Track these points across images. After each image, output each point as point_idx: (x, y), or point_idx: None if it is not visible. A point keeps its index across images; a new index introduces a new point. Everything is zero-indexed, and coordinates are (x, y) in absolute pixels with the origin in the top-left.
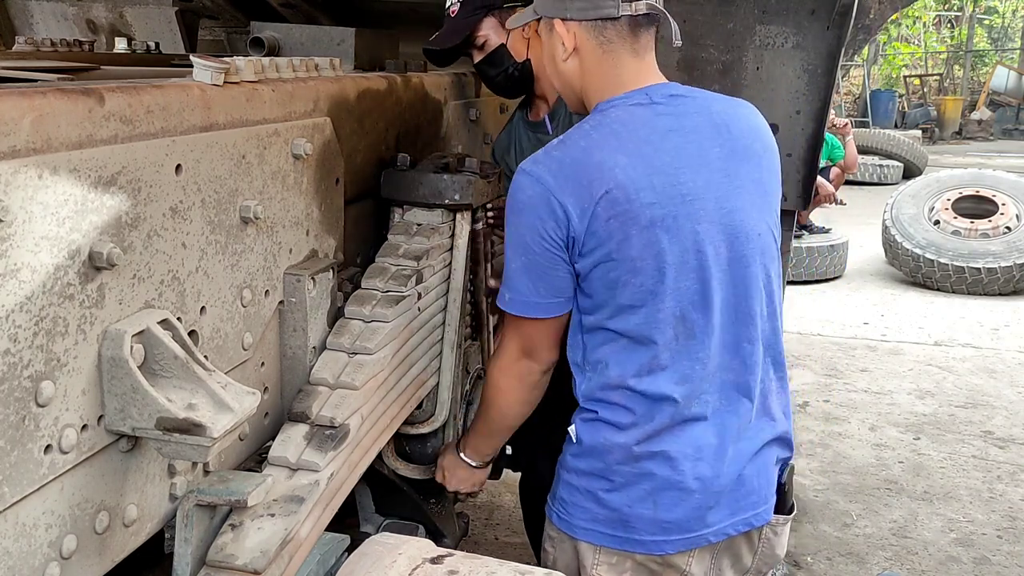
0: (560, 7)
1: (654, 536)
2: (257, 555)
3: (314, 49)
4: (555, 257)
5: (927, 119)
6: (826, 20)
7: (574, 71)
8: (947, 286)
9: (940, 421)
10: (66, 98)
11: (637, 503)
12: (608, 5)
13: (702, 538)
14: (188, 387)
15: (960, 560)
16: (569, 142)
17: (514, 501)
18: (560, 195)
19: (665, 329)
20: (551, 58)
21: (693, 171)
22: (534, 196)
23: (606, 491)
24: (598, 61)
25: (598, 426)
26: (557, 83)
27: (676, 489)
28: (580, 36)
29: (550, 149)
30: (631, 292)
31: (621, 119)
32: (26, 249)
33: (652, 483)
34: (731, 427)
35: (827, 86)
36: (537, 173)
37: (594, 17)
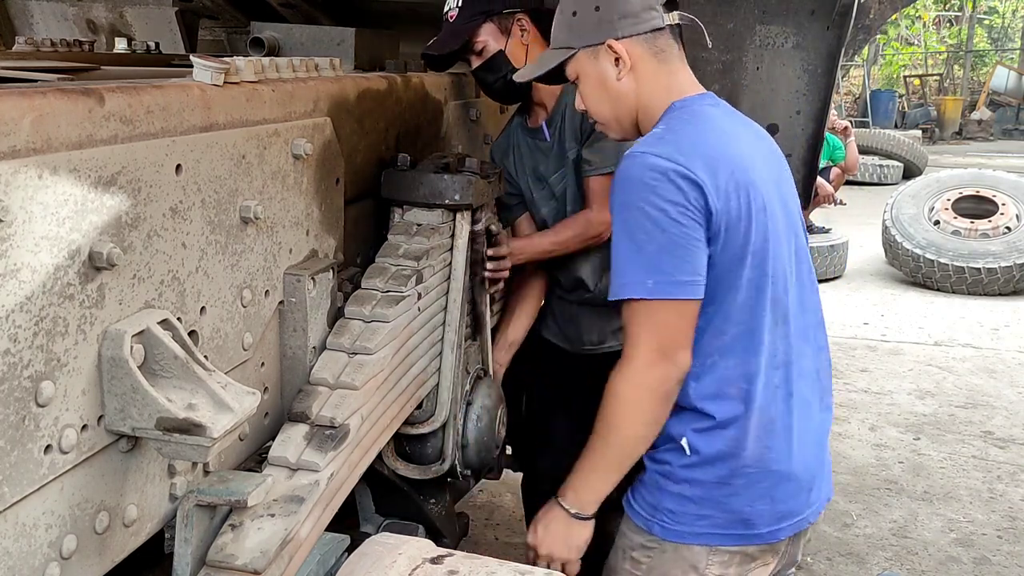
0: (609, 29)
1: (770, 527)
2: (257, 555)
3: (314, 49)
4: (698, 227)
5: (927, 119)
6: (826, 20)
7: (630, 88)
8: (947, 286)
9: (940, 421)
10: (66, 98)
11: (758, 501)
12: (655, 16)
13: (805, 520)
14: (188, 387)
15: (960, 560)
16: (675, 131)
17: (514, 501)
18: (694, 168)
19: (766, 316)
20: (600, 83)
21: (765, 172)
22: (668, 171)
23: (727, 496)
24: (655, 71)
25: (714, 434)
26: (608, 108)
27: (789, 480)
28: (634, 51)
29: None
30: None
31: (707, 115)
32: (26, 249)
33: (771, 479)
34: (815, 410)
35: (827, 86)
36: (663, 152)
37: (646, 30)
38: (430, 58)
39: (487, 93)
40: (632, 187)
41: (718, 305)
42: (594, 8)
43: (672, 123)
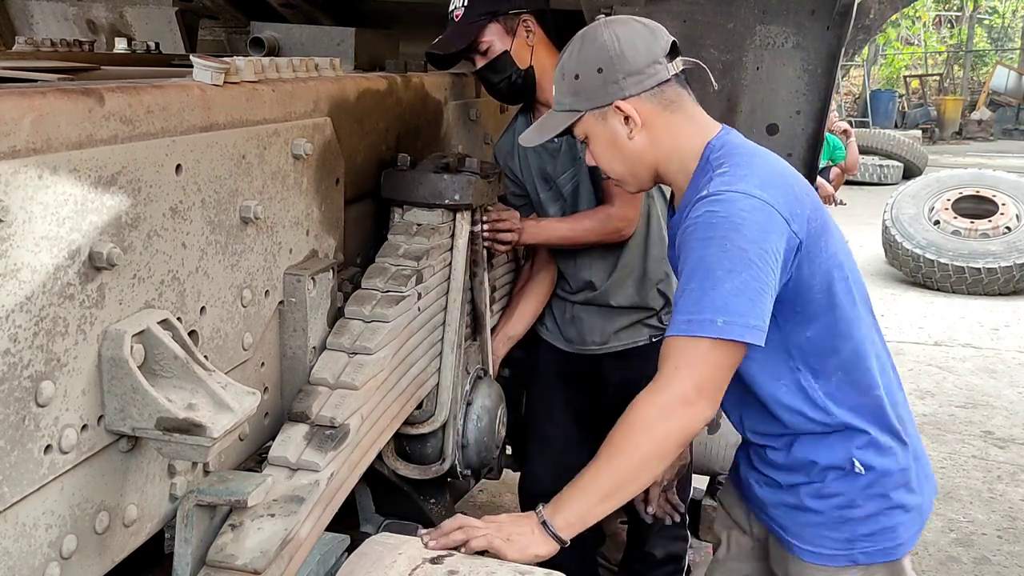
0: (615, 90)
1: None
2: (257, 555)
3: (314, 49)
4: (773, 272)
5: (927, 119)
6: (826, 20)
7: (644, 145)
8: (947, 286)
9: (940, 421)
10: (66, 98)
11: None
12: (659, 70)
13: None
14: (188, 387)
15: (960, 560)
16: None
17: (514, 501)
18: (778, 206)
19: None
20: (611, 143)
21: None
22: (755, 210)
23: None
24: (669, 123)
25: (875, 442)
26: (621, 166)
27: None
28: (643, 108)
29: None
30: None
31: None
32: (26, 249)
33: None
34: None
35: (827, 86)
36: (747, 190)
37: (652, 85)
38: (434, 57)
39: (491, 93)
40: (719, 223)
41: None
42: (596, 70)
43: (734, 158)
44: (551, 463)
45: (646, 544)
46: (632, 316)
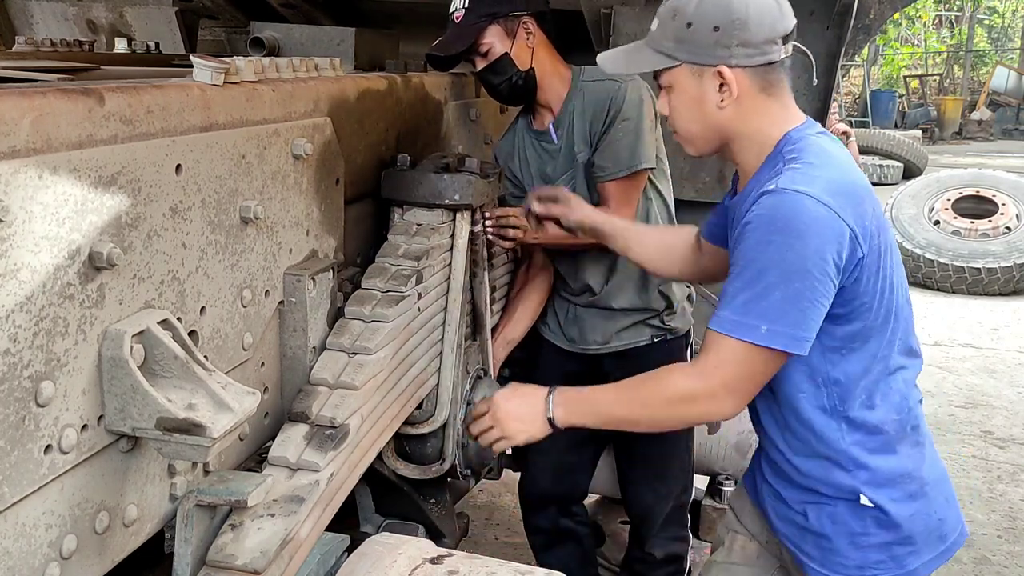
0: (724, 54)
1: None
2: (257, 555)
3: (314, 49)
4: (830, 285)
5: (927, 119)
6: (826, 20)
7: (730, 117)
8: (947, 286)
9: (940, 421)
10: (66, 98)
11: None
12: (773, 50)
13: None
14: (188, 387)
15: (960, 560)
16: (822, 164)
17: (514, 501)
18: (845, 215)
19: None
20: (696, 103)
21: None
22: (819, 218)
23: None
24: (762, 105)
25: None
26: (697, 128)
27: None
28: (743, 82)
29: (808, 171)
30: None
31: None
32: (26, 249)
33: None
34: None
35: (827, 86)
36: (816, 194)
37: (760, 63)
38: (435, 58)
39: (491, 94)
40: (778, 227)
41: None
42: (713, 27)
43: (808, 154)
44: (551, 463)
45: (646, 544)
46: (634, 317)
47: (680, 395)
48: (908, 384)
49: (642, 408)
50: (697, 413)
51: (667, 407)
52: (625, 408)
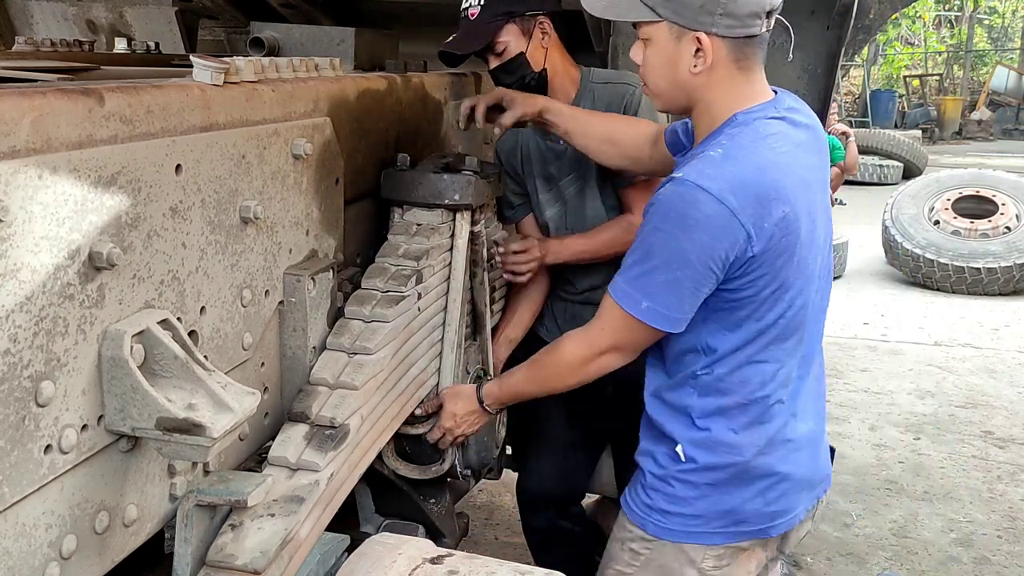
0: (706, 21)
1: (762, 524)
2: (257, 555)
3: (314, 49)
4: (713, 277)
5: (927, 119)
6: (826, 20)
7: (700, 83)
8: (947, 286)
9: (940, 421)
10: (66, 98)
11: (750, 502)
12: (755, 24)
13: (796, 517)
14: (188, 387)
15: (960, 560)
16: (738, 158)
17: (514, 501)
18: (743, 217)
19: (789, 340)
20: (670, 63)
21: (815, 186)
22: (713, 215)
23: (721, 496)
24: (731, 77)
25: (711, 445)
26: (666, 85)
27: (783, 482)
28: (719, 52)
29: (718, 164)
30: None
31: (771, 133)
32: (26, 249)
33: (764, 482)
34: (811, 416)
35: (827, 86)
36: (716, 190)
37: (740, 35)
38: (447, 55)
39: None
40: (671, 215)
41: (735, 329)
42: None
43: (732, 148)
44: (550, 463)
45: None
46: None
47: (578, 360)
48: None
49: (550, 380)
50: (596, 370)
51: (570, 373)
52: (537, 384)
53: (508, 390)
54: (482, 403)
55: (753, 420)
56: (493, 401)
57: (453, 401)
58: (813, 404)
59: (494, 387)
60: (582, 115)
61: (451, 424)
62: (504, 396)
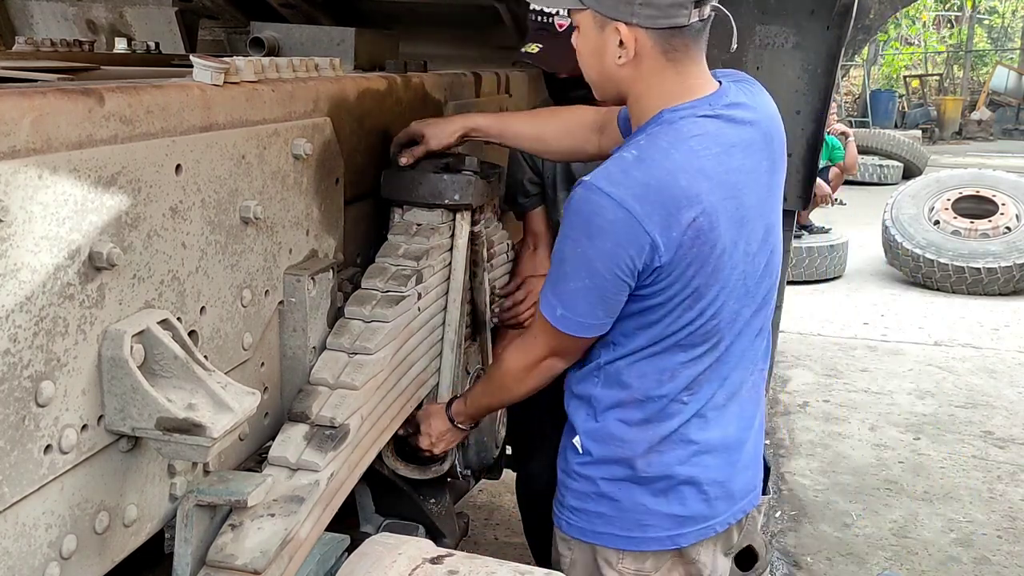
0: (626, 10)
1: (669, 531)
2: (257, 555)
3: (314, 49)
4: (624, 284)
5: (927, 119)
6: (826, 20)
7: (627, 75)
8: (947, 286)
9: (940, 421)
10: (66, 98)
11: (650, 503)
12: (680, 14)
13: (710, 528)
14: (188, 387)
15: (960, 560)
16: (650, 162)
17: (514, 501)
18: (647, 223)
19: (699, 345)
20: (596, 53)
21: (750, 190)
22: (616, 221)
23: (620, 495)
24: (660, 69)
25: (607, 438)
26: (596, 76)
27: (689, 485)
28: (643, 43)
29: (628, 168)
30: (684, 315)
31: (695, 134)
32: (26, 249)
33: (662, 484)
34: (730, 424)
35: (827, 86)
36: (620, 196)
37: (664, 26)
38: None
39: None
40: (578, 222)
41: (644, 330)
42: None
43: (648, 149)
44: (548, 462)
45: None
46: None
47: (521, 369)
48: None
49: (502, 391)
50: (540, 376)
51: (516, 384)
52: (494, 396)
53: (472, 405)
54: (453, 421)
55: (647, 417)
56: (463, 418)
57: (427, 422)
58: (737, 413)
59: (460, 404)
60: (508, 119)
61: (427, 444)
62: (471, 411)
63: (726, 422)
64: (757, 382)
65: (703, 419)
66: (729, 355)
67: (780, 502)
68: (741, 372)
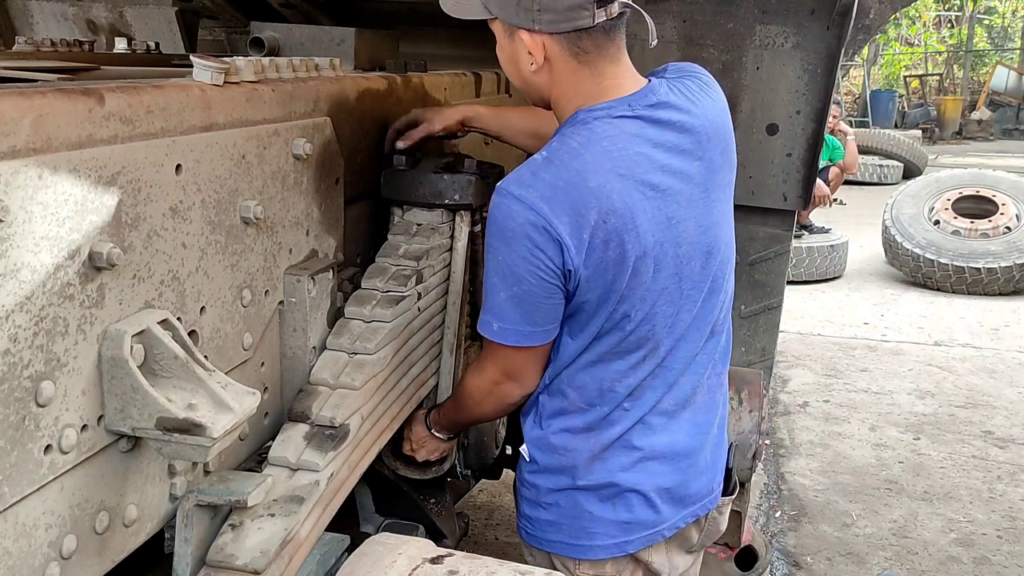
0: (526, 18)
1: (615, 539)
2: (257, 555)
3: (314, 49)
4: (551, 287)
5: (927, 119)
6: (826, 20)
7: (544, 81)
8: (947, 286)
9: (940, 421)
10: (66, 98)
11: (598, 509)
12: (583, 16)
13: (658, 534)
14: (188, 387)
15: (960, 560)
16: (559, 163)
17: (514, 501)
18: (556, 224)
19: (635, 353)
20: (512, 60)
21: (677, 192)
22: (526, 224)
23: (567, 504)
24: (573, 71)
25: (551, 447)
26: (518, 82)
27: (634, 493)
28: (551, 48)
29: (537, 169)
30: (610, 319)
31: (609, 134)
32: (26, 249)
33: (610, 491)
34: (680, 430)
35: (827, 86)
36: (528, 199)
37: (567, 29)
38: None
39: None
40: (497, 229)
41: (574, 337)
42: None
43: (559, 150)
44: None
45: None
46: None
47: (479, 393)
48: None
49: (466, 411)
50: (497, 402)
51: (477, 406)
52: (460, 414)
53: (444, 418)
54: (430, 429)
55: (589, 425)
56: (439, 428)
57: (409, 427)
58: (689, 419)
59: (436, 414)
60: (507, 113)
61: (408, 449)
62: (444, 423)
63: (675, 428)
64: (714, 386)
65: (647, 426)
66: (673, 360)
67: (780, 502)
68: (692, 377)
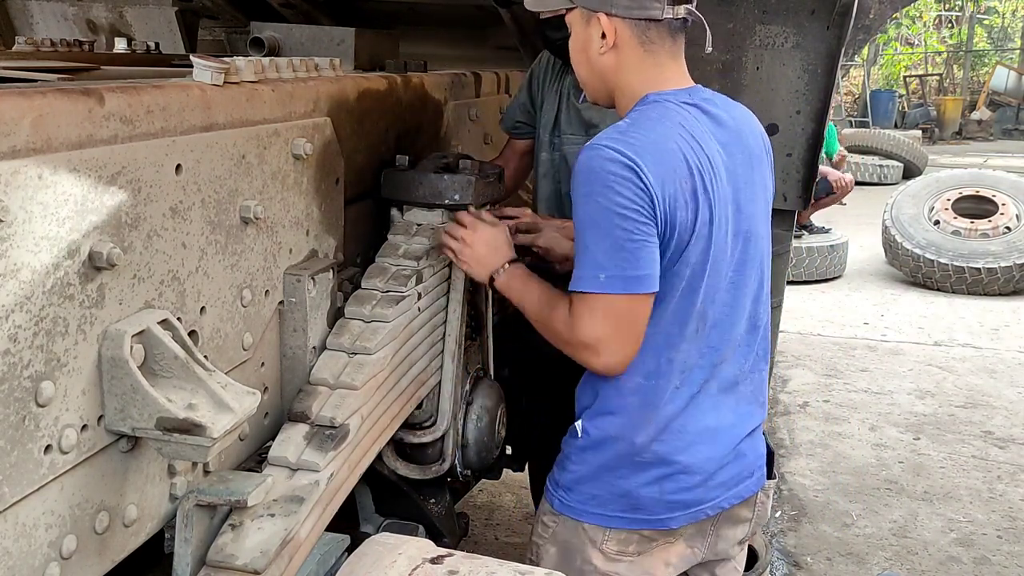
0: (607, 2)
1: (659, 515)
2: (257, 555)
3: (314, 49)
4: (647, 226)
5: (927, 119)
6: (826, 20)
7: (610, 66)
8: (947, 286)
9: (940, 421)
10: (66, 98)
11: (644, 487)
12: (655, 6)
13: (701, 512)
14: (188, 387)
15: (960, 560)
16: (642, 127)
17: (514, 501)
18: (647, 171)
19: (688, 324)
20: (583, 47)
21: (727, 178)
22: (621, 166)
23: (615, 479)
24: (639, 59)
25: (605, 419)
26: (585, 72)
27: (682, 473)
28: (622, 33)
29: (625, 130)
30: (672, 284)
31: (680, 114)
32: (26, 249)
33: (658, 469)
34: (725, 412)
35: (827, 86)
36: (620, 148)
37: (640, 16)
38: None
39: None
40: (589, 180)
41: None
42: None
43: (639, 118)
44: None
45: None
46: None
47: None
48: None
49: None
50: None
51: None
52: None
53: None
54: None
55: (645, 402)
56: (503, 286)
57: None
58: (733, 406)
59: (510, 279)
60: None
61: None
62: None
63: (723, 410)
64: (757, 382)
65: (696, 406)
66: (718, 339)
67: (780, 502)
68: (734, 365)
